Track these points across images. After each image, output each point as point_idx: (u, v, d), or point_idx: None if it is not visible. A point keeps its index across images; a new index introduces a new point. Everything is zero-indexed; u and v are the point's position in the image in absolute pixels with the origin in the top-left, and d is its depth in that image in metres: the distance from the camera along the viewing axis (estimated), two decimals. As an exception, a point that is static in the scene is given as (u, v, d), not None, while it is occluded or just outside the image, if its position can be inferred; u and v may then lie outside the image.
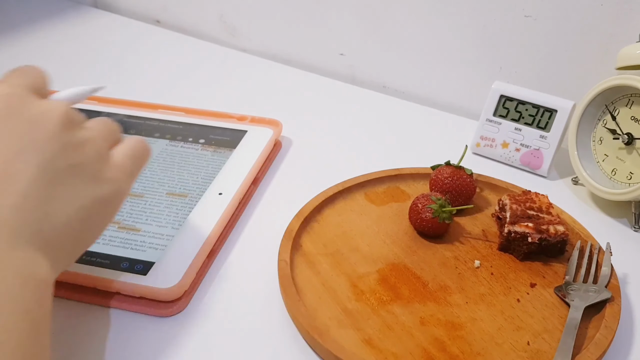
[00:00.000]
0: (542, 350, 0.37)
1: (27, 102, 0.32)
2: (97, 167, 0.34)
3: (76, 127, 0.34)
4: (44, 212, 0.30)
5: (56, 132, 0.32)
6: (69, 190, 0.32)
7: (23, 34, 0.82)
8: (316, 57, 0.78)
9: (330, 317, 0.39)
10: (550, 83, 0.62)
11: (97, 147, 0.34)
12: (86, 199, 0.32)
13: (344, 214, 0.49)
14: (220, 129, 0.58)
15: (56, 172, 0.31)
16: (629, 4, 0.54)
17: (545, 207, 0.45)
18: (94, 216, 0.33)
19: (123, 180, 0.35)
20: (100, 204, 0.33)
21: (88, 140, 0.34)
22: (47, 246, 0.30)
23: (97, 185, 0.33)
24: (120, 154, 0.36)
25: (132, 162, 0.37)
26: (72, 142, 0.33)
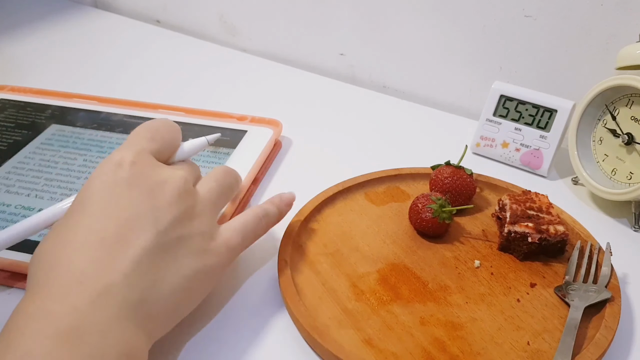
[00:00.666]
0: (542, 350, 0.37)
1: (148, 171, 0.34)
2: (204, 240, 0.35)
3: (190, 198, 0.35)
4: (150, 281, 0.31)
5: (172, 203, 0.33)
6: (175, 261, 0.33)
7: (23, 34, 0.82)
8: (316, 57, 0.78)
9: (330, 317, 0.39)
10: (550, 83, 0.62)
11: (206, 220, 0.35)
12: (190, 270, 0.33)
13: (344, 214, 0.49)
14: (220, 129, 0.58)
15: (167, 242, 0.32)
16: (629, 4, 0.54)
17: (545, 207, 0.45)
18: (194, 287, 0.34)
19: (225, 255, 0.36)
20: (201, 275, 0.34)
21: (199, 214, 0.35)
22: (148, 316, 0.31)
23: (202, 258, 0.34)
24: (231, 228, 0.37)
25: (241, 238, 0.37)
26: (185, 213, 0.34)
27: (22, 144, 0.55)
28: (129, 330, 0.29)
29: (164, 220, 0.33)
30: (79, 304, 0.28)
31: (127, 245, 0.31)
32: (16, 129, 0.57)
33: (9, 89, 0.64)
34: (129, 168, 0.33)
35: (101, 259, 0.30)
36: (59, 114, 0.60)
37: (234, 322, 0.40)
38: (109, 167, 0.33)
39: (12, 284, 0.41)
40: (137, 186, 0.33)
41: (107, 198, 0.32)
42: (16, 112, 0.60)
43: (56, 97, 0.63)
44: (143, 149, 0.35)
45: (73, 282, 0.29)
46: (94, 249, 0.30)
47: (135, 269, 0.30)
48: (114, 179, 0.33)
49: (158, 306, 0.31)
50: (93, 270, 0.29)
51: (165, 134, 0.37)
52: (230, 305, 0.41)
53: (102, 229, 0.31)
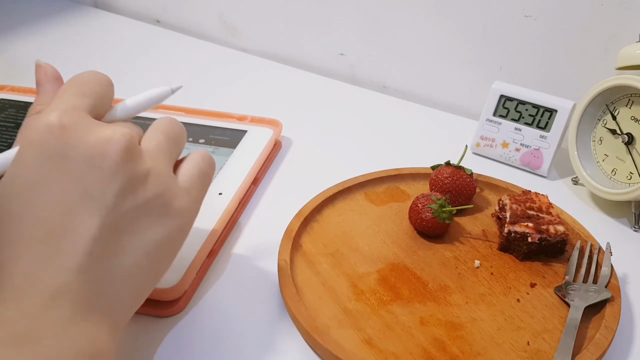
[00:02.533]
0: (542, 350, 0.37)
1: (83, 134, 0.29)
2: (163, 201, 0.30)
3: (137, 157, 0.30)
4: (107, 268, 0.28)
5: (117, 169, 0.28)
6: (133, 237, 0.29)
7: (23, 34, 0.82)
8: (316, 57, 0.78)
9: (330, 317, 0.39)
10: (550, 83, 0.62)
11: (161, 176, 0.30)
12: (151, 243, 0.30)
13: (344, 214, 0.49)
14: (220, 129, 0.58)
15: (119, 219, 0.28)
16: (629, 4, 0.54)
17: (545, 207, 0.45)
18: (159, 258, 0.30)
19: (190, 209, 0.32)
20: (166, 245, 0.30)
21: (151, 171, 0.30)
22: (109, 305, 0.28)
23: (163, 224, 0.30)
24: (187, 177, 0.32)
25: (201, 185, 0.33)
26: (134, 178, 0.29)
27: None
28: (87, 327, 0.27)
29: (111, 192, 0.28)
30: (31, 309, 0.26)
31: (75, 235, 0.27)
32: (16, 129, 0.57)
33: (9, 89, 0.64)
34: (60, 134, 0.28)
35: (49, 256, 0.27)
36: (59, 114, 0.60)
37: (234, 322, 0.40)
38: (38, 136, 0.28)
39: None
40: (73, 157, 0.28)
41: (42, 178, 0.28)
42: (16, 112, 0.60)
43: (56, 97, 0.63)
44: (74, 107, 0.29)
45: (24, 285, 0.27)
46: (43, 246, 0.27)
47: (87, 261, 0.27)
48: (45, 151, 0.28)
49: (119, 293, 0.29)
50: (43, 271, 0.27)
51: (95, 86, 0.32)
52: (230, 305, 0.41)
53: (46, 219, 0.27)
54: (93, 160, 0.28)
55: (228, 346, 0.38)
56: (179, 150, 0.34)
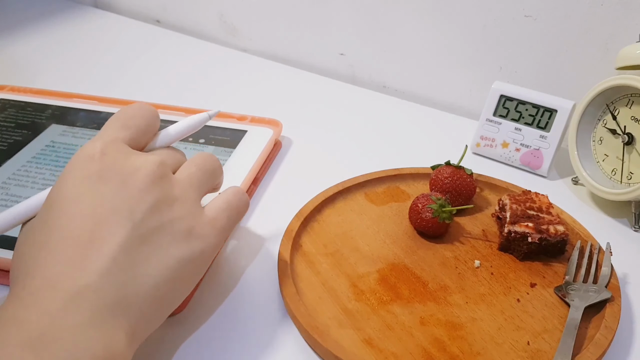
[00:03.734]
0: (542, 350, 0.37)
1: (120, 161, 0.32)
2: (187, 224, 0.33)
3: (167, 183, 0.33)
4: (129, 276, 0.30)
5: (146, 190, 0.32)
6: (157, 252, 0.31)
7: (23, 34, 0.82)
8: (316, 57, 0.78)
9: (330, 317, 0.39)
10: (550, 83, 0.62)
11: (188, 203, 0.33)
12: (174, 259, 0.32)
13: (344, 214, 0.49)
14: (220, 129, 0.58)
15: (145, 233, 0.31)
16: (629, 4, 0.54)
17: (545, 207, 0.45)
18: (181, 277, 0.32)
19: (213, 236, 0.34)
20: (188, 263, 0.32)
21: (178, 197, 0.33)
22: (129, 314, 0.29)
23: (186, 244, 0.32)
24: (214, 208, 0.35)
25: (227, 217, 0.35)
26: (161, 200, 0.32)
27: (22, 144, 0.55)
28: (104, 331, 0.28)
29: (139, 210, 0.31)
30: (50, 309, 0.27)
31: (102, 243, 0.29)
32: (16, 129, 0.57)
33: (9, 89, 0.64)
34: (100, 160, 0.32)
35: (75, 260, 0.29)
36: (59, 114, 0.60)
37: (234, 322, 0.40)
38: (80, 161, 0.32)
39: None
40: (108, 178, 0.31)
41: (79, 194, 0.31)
42: (16, 112, 0.60)
43: (56, 97, 0.63)
44: (115, 139, 0.33)
45: (46, 287, 0.28)
46: (68, 250, 0.29)
47: (111, 267, 0.29)
48: (85, 173, 0.31)
49: (140, 303, 0.30)
50: (66, 273, 0.28)
51: (139, 119, 0.35)
52: (230, 305, 0.41)
53: (75, 228, 0.30)
54: (125, 182, 0.32)
55: (228, 346, 0.38)
56: (212, 184, 0.37)
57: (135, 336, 0.30)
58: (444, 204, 0.45)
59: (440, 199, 0.45)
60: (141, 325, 0.30)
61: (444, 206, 0.45)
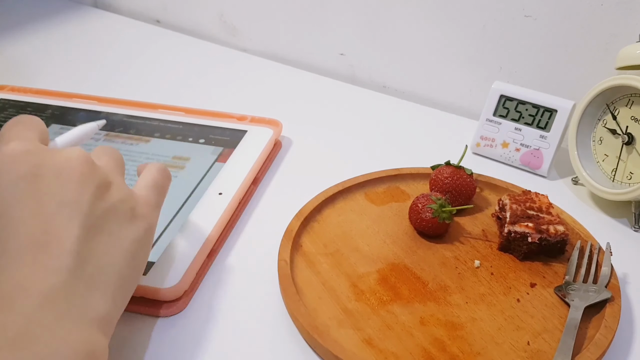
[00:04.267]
0: (542, 350, 0.37)
1: (46, 157, 0.32)
2: (128, 205, 0.33)
3: (97, 170, 0.33)
4: (95, 266, 0.30)
5: (84, 181, 0.32)
6: (111, 237, 0.32)
7: (23, 34, 0.82)
8: (316, 57, 0.78)
9: (330, 317, 0.39)
10: (550, 83, 0.62)
11: (120, 185, 0.34)
12: (127, 241, 0.32)
13: (344, 214, 0.49)
14: (220, 129, 0.58)
15: (96, 222, 0.31)
16: (629, 4, 0.54)
17: (545, 207, 0.45)
18: (136, 257, 0.33)
19: (151, 214, 0.35)
20: (139, 243, 0.33)
21: (111, 181, 0.33)
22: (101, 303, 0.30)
23: (133, 225, 0.33)
24: (142, 187, 0.36)
25: (157, 194, 0.36)
26: (100, 186, 0.32)
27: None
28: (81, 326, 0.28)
29: (84, 200, 0.31)
30: (25, 310, 0.27)
31: (60, 240, 0.29)
32: (16, 129, 0.57)
33: (9, 89, 0.64)
34: (26, 159, 0.31)
35: (39, 261, 0.29)
36: (59, 114, 0.60)
37: (234, 322, 0.40)
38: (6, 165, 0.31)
39: None
40: (42, 174, 0.31)
41: (18, 197, 0.30)
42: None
43: (56, 97, 0.63)
44: (27, 138, 0.33)
45: (17, 290, 0.28)
46: (28, 254, 0.29)
47: (77, 260, 0.29)
48: (17, 174, 0.31)
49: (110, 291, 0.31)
50: (35, 275, 0.28)
51: (35, 124, 0.35)
52: (230, 306, 0.41)
53: (27, 231, 0.29)
54: (62, 175, 0.31)
55: (228, 346, 0.38)
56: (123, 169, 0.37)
57: (109, 324, 0.31)
58: (444, 204, 0.45)
59: (440, 199, 0.45)
60: (113, 312, 0.31)
61: (444, 206, 0.45)
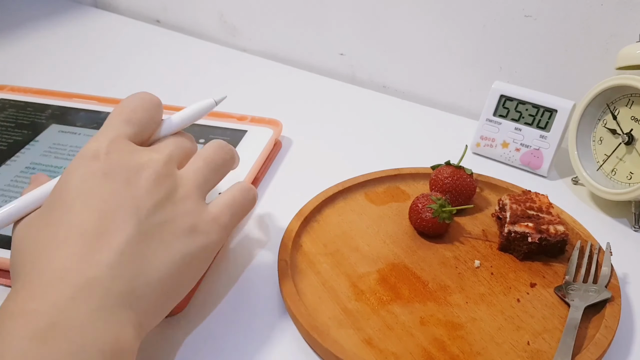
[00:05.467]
0: (542, 350, 0.37)
1: (124, 159, 0.33)
2: (190, 221, 0.33)
3: (171, 182, 0.34)
4: (136, 270, 0.30)
5: (150, 189, 0.32)
6: (162, 246, 0.32)
7: (23, 34, 0.82)
8: (316, 57, 0.78)
9: (330, 317, 0.39)
10: (550, 83, 0.62)
11: (191, 202, 0.34)
12: (178, 253, 0.32)
13: (344, 214, 0.49)
14: (220, 129, 0.58)
15: (150, 229, 0.31)
16: (629, 4, 0.54)
17: (545, 207, 0.45)
18: (185, 271, 0.33)
19: (215, 233, 0.35)
20: (191, 258, 0.33)
21: (182, 197, 0.34)
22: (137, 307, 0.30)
23: (189, 239, 0.33)
24: (219, 205, 0.36)
25: (230, 214, 0.36)
26: (165, 198, 0.33)
27: (22, 144, 0.55)
28: (113, 323, 0.28)
29: (144, 207, 0.32)
30: (59, 301, 0.27)
31: (109, 237, 0.30)
32: (16, 129, 0.57)
33: (9, 89, 0.64)
34: (104, 158, 0.32)
35: (83, 253, 0.29)
36: (59, 114, 0.60)
37: (234, 322, 0.40)
38: (85, 160, 0.32)
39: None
40: (113, 176, 0.32)
41: (84, 191, 0.31)
42: (16, 112, 0.60)
43: (56, 97, 0.63)
44: (118, 136, 0.34)
45: (54, 279, 0.28)
46: (75, 245, 0.29)
47: (119, 259, 0.30)
48: (90, 171, 0.32)
49: (147, 295, 0.30)
50: (74, 266, 0.29)
51: (141, 113, 0.35)
52: (230, 305, 0.41)
53: (82, 223, 0.30)
54: (129, 181, 0.32)
55: (228, 346, 0.38)
56: (220, 177, 0.37)
57: (141, 328, 0.31)
58: (444, 204, 0.45)
59: (440, 199, 0.45)
60: (147, 318, 0.31)
61: (444, 206, 0.45)
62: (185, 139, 0.37)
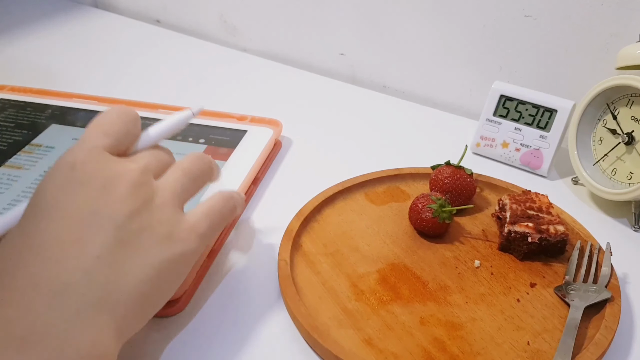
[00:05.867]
0: (542, 350, 0.37)
1: (100, 168, 0.33)
2: (167, 228, 0.33)
3: (147, 192, 0.33)
4: (113, 274, 0.30)
5: (126, 197, 0.32)
6: (139, 252, 0.32)
7: (23, 34, 0.82)
8: (316, 57, 0.78)
9: (330, 317, 0.39)
10: (550, 83, 0.62)
11: (168, 209, 0.34)
12: (156, 259, 0.32)
13: (344, 214, 0.49)
14: (220, 129, 0.58)
15: (127, 235, 0.31)
16: (629, 4, 0.54)
17: (545, 207, 0.45)
18: (163, 277, 0.33)
19: (192, 241, 0.34)
20: (169, 264, 0.33)
21: (159, 205, 0.33)
22: (114, 312, 0.30)
23: (166, 247, 0.33)
24: (197, 214, 0.36)
25: (208, 223, 0.36)
26: (142, 206, 0.33)
27: (22, 144, 0.55)
28: (90, 329, 0.28)
29: (121, 214, 0.31)
30: (35, 307, 0.27)
31: (85, 243, 0.30)
32: (16, 129, 0.57)
33: (9, 89, 0.64)
34: (81, 168, 0.32)
35: (58, 259, 0.29)
36: (59, 114, 0.60)
37: (234, 321, 0.40)
38: (61, 170, 0.32)
39: None
40: (89, 184, 0.32)
41: (60, 199, 0.31)
42: (16, 112, 0.60)
43: (56, 97, 0.63)
44: (95, 147, 0.33)
45: (29, 285, 0.28)
46: (51, 251, 0.29)
47: (95, 265, 0.29)
48: (65, 179, 0.32)
49: (125, 301, 0.30)
50: (49, 272, 0.29)
51: (119, 125, 0.35)
52: (230, 305, 0.41)
53: (57, 230, 0.30)
54: (105, 189, 0.32)
55: (228, 346, 0.38)
56: (198, 187, 0.37)
57: (120, 334, 0.30)
58: (444, 204, 0.45)
59: (440, 199, 0.45)
60: (126, 324, 0.31)
61: (444, 206, 0.45)
62: (162, 152, 0.37)
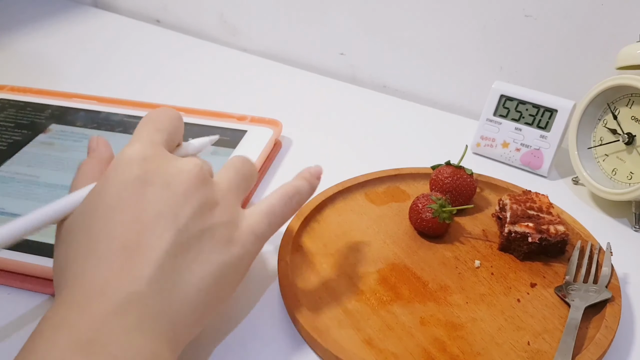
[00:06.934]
0: (542, 350, 0.37)
1: (161, 164, 0.33)
2: (227, 231, 0.33)
3: (208, 186, 0.33)
4: (175, 283, 0.30)
5: (189, 194, 0.32)
6: (200, 257, 0.31)
7: (23, 34, 0.82)
8: (316, 57, 0.78)
9: (330, 317, 0.39)
10: (550, 83, 0.62)
11: (228, 208, 0.33)
12: (216, 265, 0.32)
13: (344, 214, 0.49)
14: (220, 129, 0.58)
15: (188, 239, 0.31)
16: (629, 4, 0.54)
17: (546, 207, 0.45)
18: (222, 283, 0.32)
19: (251, 243, 0.34)
20: (228, 269, 0.32)
21: (219, 202, 0.33)
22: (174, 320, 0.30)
23: (225, 250, 0.32)
24: (257, 213, 0.35)
25: (268, 223, 0.35)
26: (204, 203, 0.32)
27: (22, 144, 0.55)
28: (151, 339, 0.28)
29: (183, 214, 0.31)
30: (100, 314, 0.28)
31: (148, 249, 0.30)
32: (16, 129, 0.57)
33: (9, 89, 0.64)
34: (141, 164, 0.32)
35: (123, 267, 0.29)
36: (59, 114, 0.60)
37: (234, 322, 0.40)
38: (122, 165, 0.32)
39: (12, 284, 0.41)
40: (152, 181, 0.32)
41: (123, 200, 0.31)
42: (16, 112, 0.60)
43: (56, 97, 0.63)
44: (152, 142, 0.34)
45: (96, 293, 0.28)
46: (116, 257, 0.30)
47: (158, 274, 0.30)
48: (127, 177, 0.32)
49: (184, 310, 0.30)
50: (115, 280, 0.29)
51: (168, 123, 0.36)
52: (229, 306, 0.41)
53: (121, 235, 0.30)
54: (169, 186, 0.32)
55: (228, 346, 0.38)
56: (248, 187, 0.37)
57: (178, 343, 0.30)
58: (444, 204, 0.45)
59: (441, 199, 0.45)
60: (184, 332, 0.31)
61: (444, 206, 0.45)
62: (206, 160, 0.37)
